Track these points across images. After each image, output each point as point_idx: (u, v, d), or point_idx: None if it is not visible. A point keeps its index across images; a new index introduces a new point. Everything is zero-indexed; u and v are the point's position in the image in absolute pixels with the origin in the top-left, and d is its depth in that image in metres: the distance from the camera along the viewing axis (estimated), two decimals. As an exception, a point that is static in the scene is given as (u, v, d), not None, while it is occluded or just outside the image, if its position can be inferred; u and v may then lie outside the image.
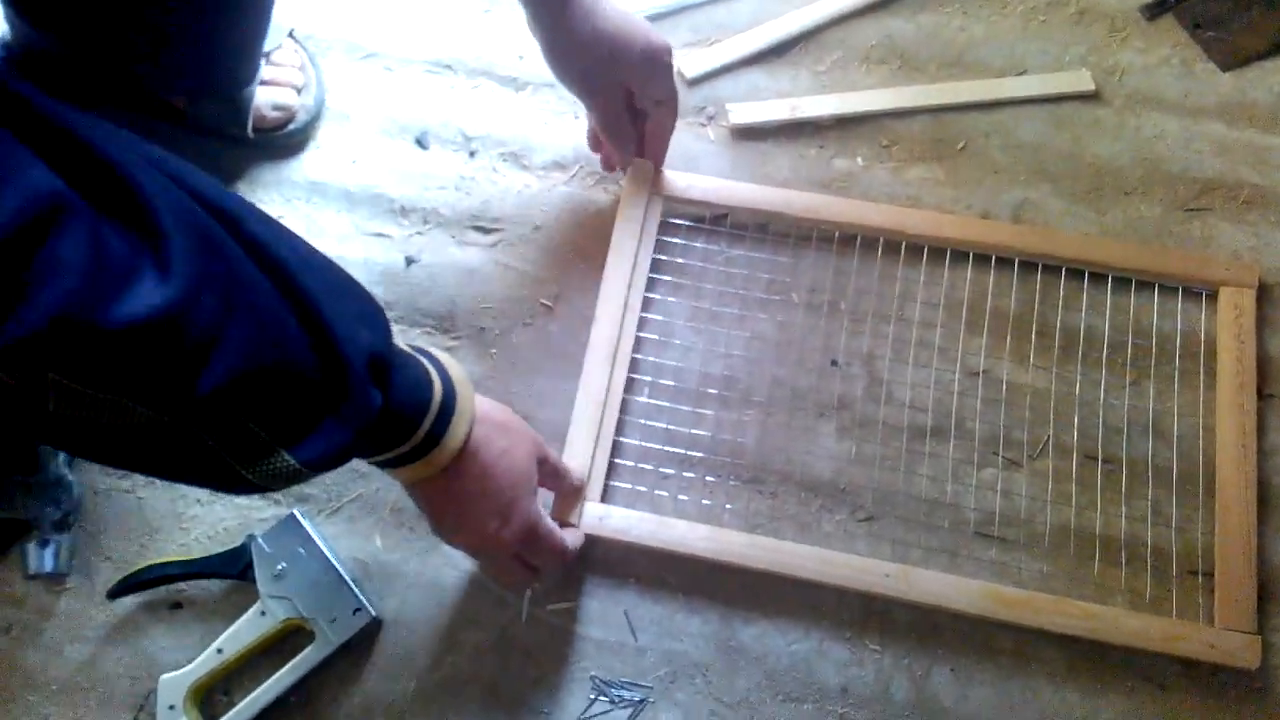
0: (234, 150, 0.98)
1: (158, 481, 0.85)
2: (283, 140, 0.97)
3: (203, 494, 0.85)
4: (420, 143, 1.00)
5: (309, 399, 0.52)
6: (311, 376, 0.51)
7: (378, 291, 0.93)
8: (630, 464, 0.85)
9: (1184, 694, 0.78)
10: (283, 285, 0.51)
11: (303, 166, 0.99)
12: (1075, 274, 0.92)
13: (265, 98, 0.95)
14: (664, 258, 0.93)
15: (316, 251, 0.56)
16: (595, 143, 0.95)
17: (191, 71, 0.89)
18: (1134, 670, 0.78)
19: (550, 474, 0.75)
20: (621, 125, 0.88)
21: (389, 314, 0.91)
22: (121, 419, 0.46)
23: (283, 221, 0.95)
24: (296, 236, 0.54)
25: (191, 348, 0.45)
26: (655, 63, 0.84)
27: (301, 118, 0.97)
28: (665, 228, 0.94)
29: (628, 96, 0.86)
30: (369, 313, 0.57)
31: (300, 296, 0.51)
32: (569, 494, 0.79)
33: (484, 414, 0.68)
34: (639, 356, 0.89)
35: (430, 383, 0.62)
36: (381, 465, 0.63)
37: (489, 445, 0.67)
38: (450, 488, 0.66)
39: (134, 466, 0.51)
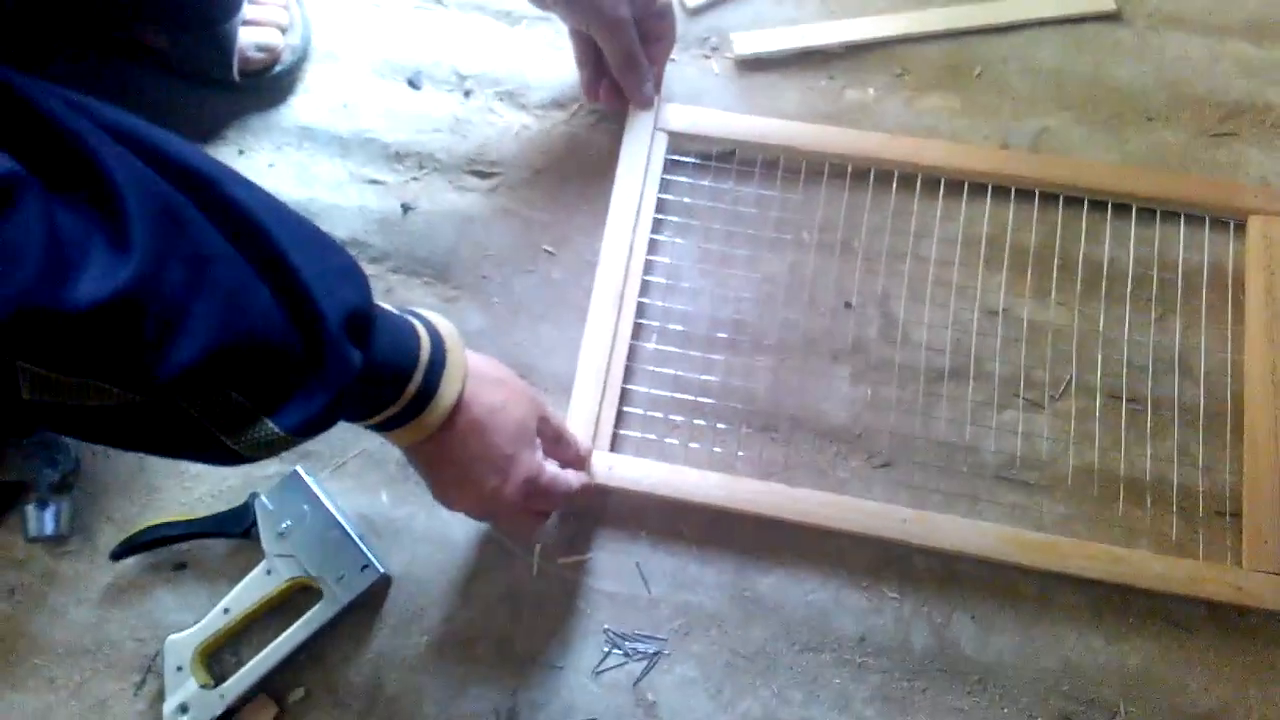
0: (221, 95, 0.94)
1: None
2: (269, 83, 0.93)
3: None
4: (413, 83, 0.96)
5: (287, 364, 0.50)
6: (287, 340, 0.50)
7: (374, 241, 0.90)
8: (639, 412, 0.83)
9: (1211, 637, 0.76)
10: (256, 247, 0.49)
11: (292, 111, 0.95)
12: (1098, 205, 0.88)
13: (248, 38, 0.91)
14: (670, 197, 0.89)
15: (294, 212, 0.53)
16: (594, 90, 0.90)
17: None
18: (1160, 614, 0.77)
19: (552, 438, 0.73)
20: (637, 54, 0.85)
21: (386, 263, 0.89)
22: (99, 399, 0.44)
23: (275, 170, 0.92)
24: (273, 197, 0.52)
25: (158, 324, 0.44)
26: None
27: (287, 58, 0.93)
28: (670, 166, 0.90)
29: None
30: (347, 268, 0.55)
31: (274, 256, 0.49)
32: (574, 463, 0.76)
33: (476, 369, 0.66)
34: (645, 301, 0.86)
35: (417, 339, 0.60)
36: (376, 429, 0.61)
37: (482, 400, 0.65)
38: (447, 448, 0.64)
39: (120, 444, 0.50)
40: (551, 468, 0.71)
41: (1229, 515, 0.79)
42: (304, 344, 0.50)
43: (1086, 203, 0.88)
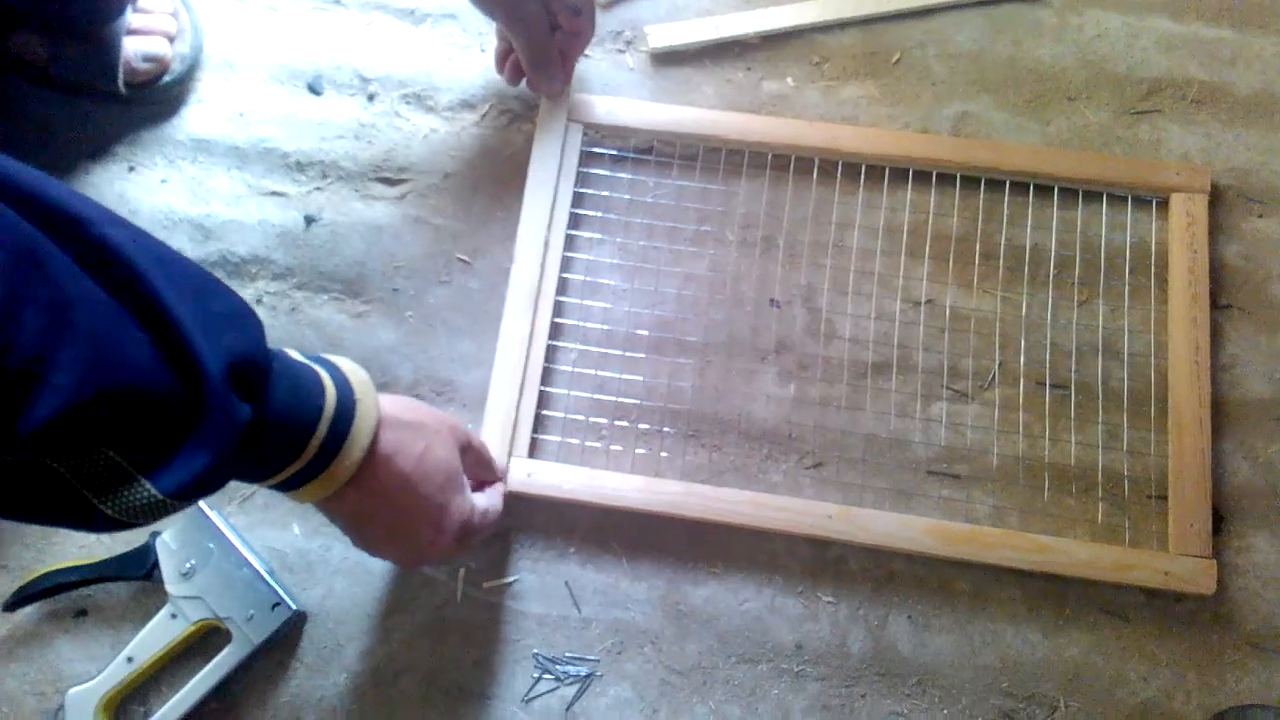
0: (108, 109, 0.89)
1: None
2: (159, 95, 0.88)
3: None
4: (313, 88, 0.91)
5: (165, 418, 0.46)
6: (165, 392, 0.46)
7: (276, 256, 0.86)
8: (559, 415, 0.80)
9: (1148, 624, 0.75)
10: (130, 292, 0.45)
11: (185, 123, 0.90)
12: (1020, 188, 0.87)
13: (134, 48, 0.86)
14: (587, 191, 0.86)
15: (176, 254, 0.49)
16: (501, 64, 0.87)
17: None
18: (1096, 604, 0.76)
19: (475, 462, 0.69)
20: (548, 49, 0.82)
21: (290, 280, 0.85)
22: None
23: (168, 185, 0.88)
24: (154, 239, 0.48)
25: (13, 377, 0.39)
26: None
27: (177, 68, 0.88)
28: (586, 159, 0.87)
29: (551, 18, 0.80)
30: (235, 312, 0.51)
31: (150, 301, 0.45)
32: (492, 483, 0.73)
33: (392, 417, 0.61)
34: (563, 299, 0.83)
35: (321, 388, 0.56)
36: (278, 488, 0.57)
37: (405, 451, 0.61)
38: (366, 504, 0.60)
39: None
40: (480, 500, 0.68)
41: (1157, 498, 0.78)
42: (185, 396, 0.46)
43: (1009, 185, 0.87)
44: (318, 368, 0.57)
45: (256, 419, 0.50)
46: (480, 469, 0.70)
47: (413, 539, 0.63)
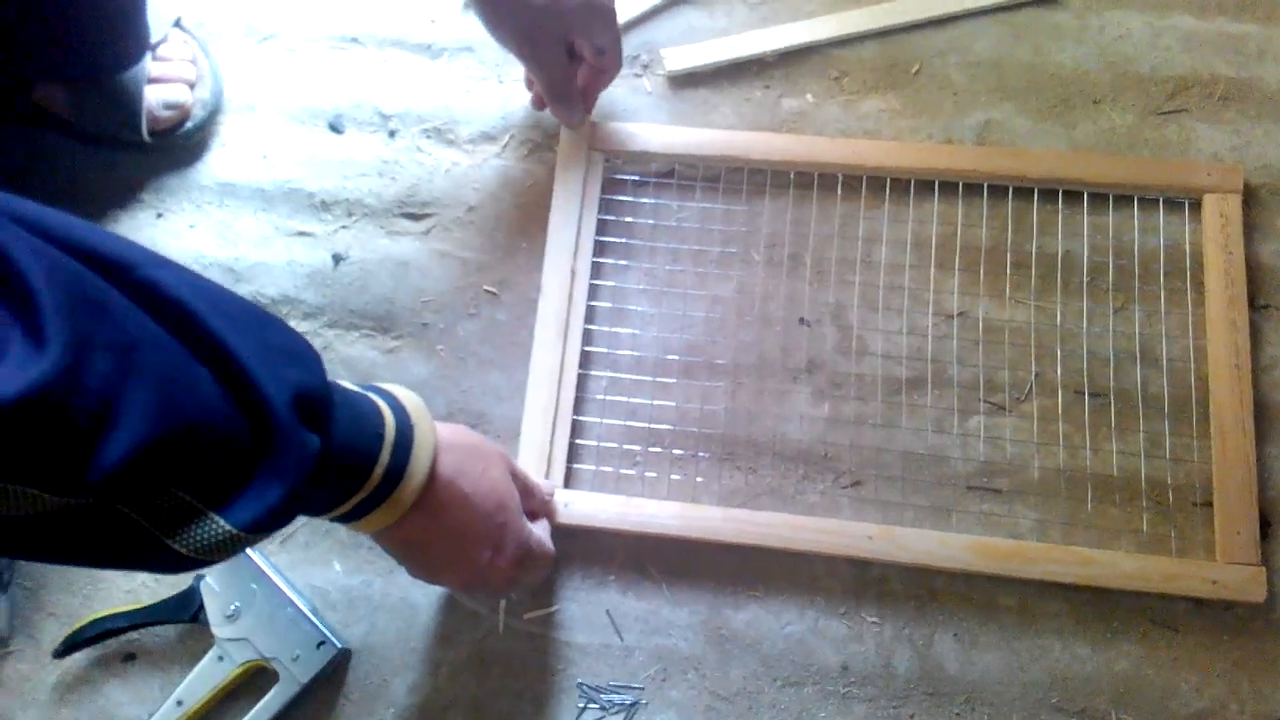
0: (132, 158, 0.90)
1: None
2: (182, 141, 0.90)
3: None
4: (334, 127, 0.92)
5: (235, 454, 0.46)
6: (232, 427, 0.46)
7: (306, 296, 0.86)
8: (593, 444, 0.80)
9: (1198, 634, 0.74)
10: (187, 331, 0.45)
11: (210, 168, 0.91)
12: (1048, 195, 0.86)
13: (155, 96, 0.87)
14: (611, 218, 0.86)
15: (226, 291, 0.49)
16: (538, 99, 0.88)
17: (48, 48, 0.79)
18: (1144, 615, 0.75)
19: (521, 490, 0.69)
20: (567, 85, 0.82)
21: (321, 319, 0.85)
22: (23, 507, 0.40)
23: (196, 230, 0.89)
24: (201, 277, 0.48)
25: (84, 420, 0.39)
26: (595, 8, 0.77)
27: (198, 114, 0.89)
28: (609, 186, 0.87)
29: (569, 50, 0.80)
30: (295, 349, 0.51)
31: (209, 340, 0.46)
32: (540, 509, 0.73)
33: (448, 440, 0.61)
34: (592, 328, 0.83)
35: (380, 416, 0.56)
36: (341, 520, 0.57)
37: (464, 470, 0.61)
38: (428, 527, 0.60)
39: (51, 557, 0.45)
40: (535, 529, 0.69)
41: (1202, 506, 0.77)
42: (251, 430, 0.46)
43: (1037, 193, 0.86)
44: (374, 396, 0.57)
45: (324, 450, 0.50)
46: (526, 497, 0.71)
47: (473, 561, 0.63)
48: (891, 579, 0.76)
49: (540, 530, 0.70)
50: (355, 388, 0.57)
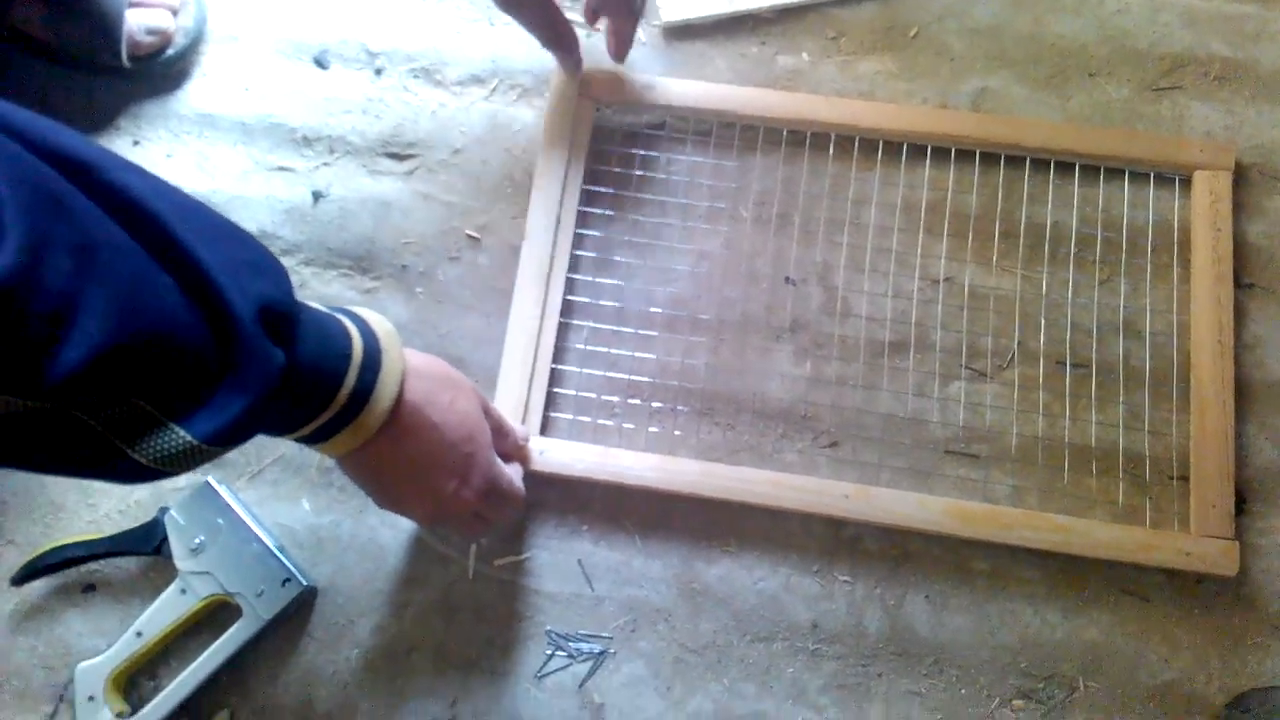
0: (112, 84, 0.88)
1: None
2: (162, 68, 0.87)
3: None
4: (319, 62, 0.90)
5: (197, 363, 0.45)
6: (195, 337, 0.44)
7: (284, 232, 0.84)
8: (571, 393, 0.79)
9: (1169, 605, 0.74)
10: (152, 236, 0.44)
11: (190, 97, 0.89)
12: (1040, 165, 0.85)
13: (137, 21, 0.84)
14: (599, 167, 0.85)
15: (194, 200, 0.48)
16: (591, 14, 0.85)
17: None
18: (1116, 585, 0.75)
19: (494, 429, 0.68)
20: (556, 32, 0.80)
21: (298, 256, 0.83)
22: None
23: (173, 160, 0.87)
24: (169, 183, 0.47)
25: (42, 320, 0.38)
26: None
27: (180, 41, 0.87)
28: (599, 135, 0.86)
29: None
30: (261, 261, 0.49)
31: (174, 246, 0.44)
32: (513, 452, 0.72)
33: (418, 367, 0.60)
34: (575, 277, 0.82)
35: (348, 337, 0.55)
36: (306, 441, 0.56)
37: (433, 399, 0.60)
38: (393, 453, 0.59)
39: (6, 462, 0.43)
40: (507, 470, 0.67)
41: (1178, 479, 0.77)
42: (216, 341, 0.45)
43: (1029, 163, 0.85)
44: (342, 318, 0.56)
45: (289, 366, 0.49)
46: (498, 438, 0.69)
47: (438, 490, 0.62)
48: (866, 539, 0.76)
49: (512, 472, 0.69)
50: (324, 309, 0.56)
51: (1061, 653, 0.73)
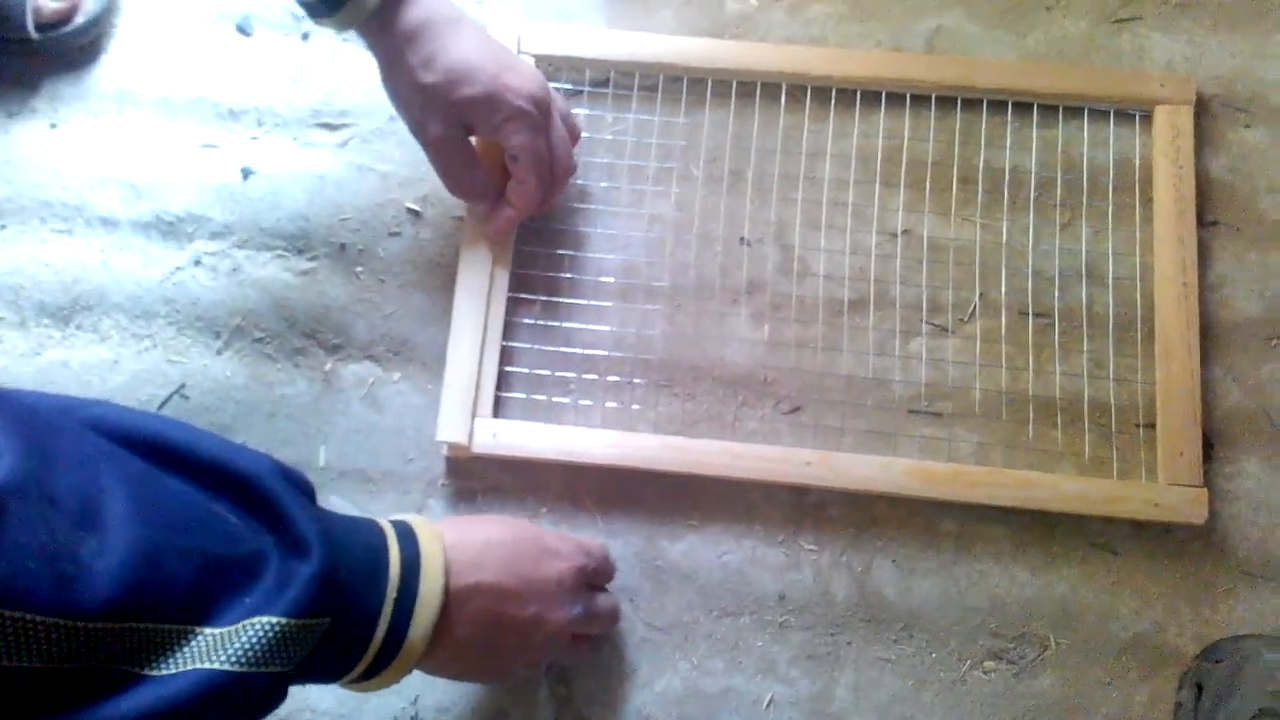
0: (22, 61, 0.83)
1: None
2: (75, 39, 0.82)
3: None
4: (242, 29, 0.85)
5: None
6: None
7: (213, 213, 0.80)
8: (523, 371, 0.77)
9: (1138, 557, 0.73)
10: None
11: (106, 72, 0.84)
12: (998, 107, 0.83)
13: (39, -10, 0.79)
14: (540, 136, 0.81)
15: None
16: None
17: None
18: (1084, 538, 0.74)
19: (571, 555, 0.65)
20: (458, 178, 0.72)
21: (230, 238, 0.80)
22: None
23: (92, 141, 0.82)
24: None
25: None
26: (496, 101, 0.66)
27: (90, 8, 0.81)
28: (540, 99, 0.82)
29: (467, 131, 0.70)
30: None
31: None
32: (599, 574, 0.68)
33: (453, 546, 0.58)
34: (523, 249, 0.79)
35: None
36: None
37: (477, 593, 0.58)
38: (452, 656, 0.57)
39: None
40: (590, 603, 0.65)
41: (1144, 428, 0.76)
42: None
43: (985, 105, 0.83)
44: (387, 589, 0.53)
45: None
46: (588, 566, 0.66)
47: (520, 653, 0.61)
48: (830, 506, 0.74)
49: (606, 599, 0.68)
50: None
51: (1031, 611, 0.72)
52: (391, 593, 0.52)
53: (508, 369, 0.76)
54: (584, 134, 0.81)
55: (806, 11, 0.86)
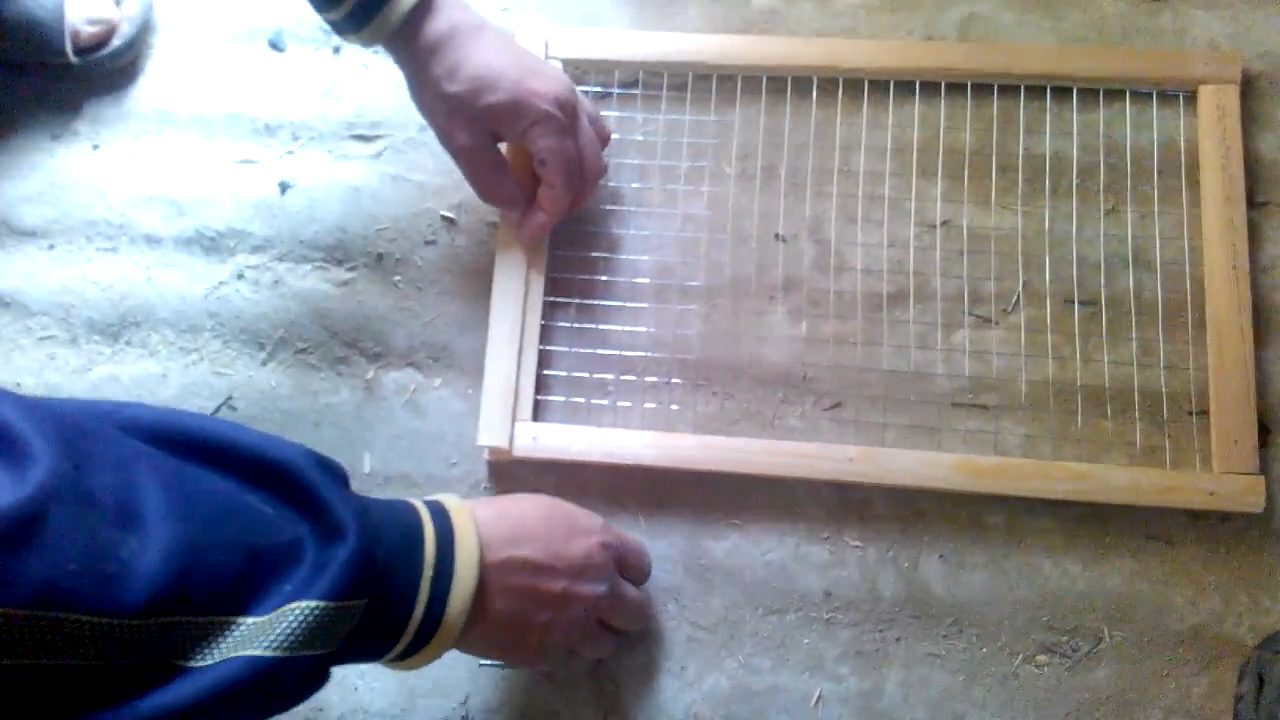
0: (63, 85, 0.84)
1: None
2: (112, 62, 0.83)
3: None
4: (275, 45, 0.86)
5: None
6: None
7: (253, 228, 0.82)
8: (561, 374, 0.77)
9: (1194, 547, 0.72)
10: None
11: (144, 93, 0.85)
12: (1035, 93, 0.81)
13: (77, 13, 0.81)
14: (573, 140, 0.81)
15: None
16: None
17: None
18: (1138, 529, 0.72)
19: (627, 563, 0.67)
20: (489, 186, 0.73)
21: (270, 252, 0.81)
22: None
23: (134, 162, 0.83)
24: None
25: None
26: (521, 106, 0.67)
27: (126, 30, 0.83)
28: (571, 104, 0.82)
29: (495, 138, 0.71)
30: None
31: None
32: (634, 568, 0.69)
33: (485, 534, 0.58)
34: (558, 252, 0.79)
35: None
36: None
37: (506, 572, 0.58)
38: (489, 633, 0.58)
39: None
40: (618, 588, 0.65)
41: (1198, 414, 0.74)
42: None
43: (1023, 91, 0.81)
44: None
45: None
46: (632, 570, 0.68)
47: (554, 626, 0.61)
48: (875, 501, 0.74)
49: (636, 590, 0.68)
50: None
51: (1084, 604, 0.71)
52: (428, 570, 0.52)
53: (546, 372, 0.76)
54: (614, 136, 0.81)
55: (835, 3, 0.85)
